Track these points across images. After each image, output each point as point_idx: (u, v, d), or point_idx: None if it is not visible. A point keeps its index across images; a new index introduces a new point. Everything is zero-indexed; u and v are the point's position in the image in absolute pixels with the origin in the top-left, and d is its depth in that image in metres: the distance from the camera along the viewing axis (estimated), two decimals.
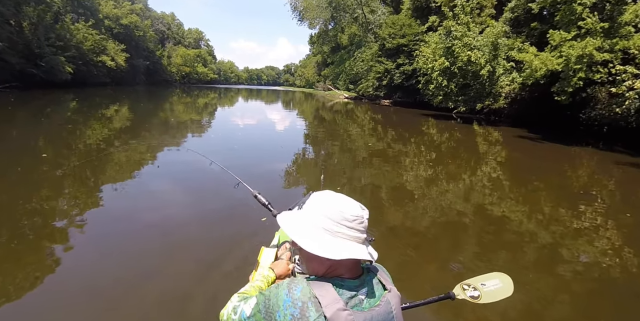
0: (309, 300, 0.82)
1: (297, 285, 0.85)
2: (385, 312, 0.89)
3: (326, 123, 16.88)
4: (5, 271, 2.81)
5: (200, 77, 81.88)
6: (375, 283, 0.94)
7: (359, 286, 0.90)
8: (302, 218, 0.93)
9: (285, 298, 0.83)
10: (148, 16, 63.68)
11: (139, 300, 2.51)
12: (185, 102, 26.76)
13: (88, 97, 24.16)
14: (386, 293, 0.93)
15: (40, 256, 3.10)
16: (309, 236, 0.89)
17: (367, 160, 8.12)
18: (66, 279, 2.76)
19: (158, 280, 2.77)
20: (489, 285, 1.61)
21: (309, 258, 0.92)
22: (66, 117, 13.59)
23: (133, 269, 2.95)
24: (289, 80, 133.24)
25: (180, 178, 5.83)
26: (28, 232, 3.53)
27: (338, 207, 0.90)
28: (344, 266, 0.90)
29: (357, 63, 36.07)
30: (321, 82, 60.70)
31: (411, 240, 3.88)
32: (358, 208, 0.92)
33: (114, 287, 2.65)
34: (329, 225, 0.88)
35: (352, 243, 0.89)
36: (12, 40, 25.25)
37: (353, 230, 0.89)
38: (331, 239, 0.88)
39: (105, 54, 40.75)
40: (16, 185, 5.00)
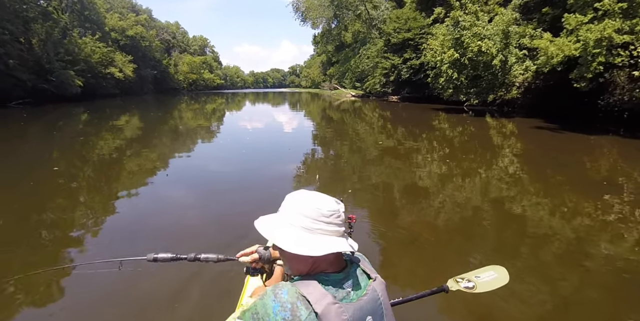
0: (297, 299, 0.81)
1: (282, 289, 0.84)
2: (372, 300, 0.91)
3: (334, 122, 16.72)
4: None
5: (207, 83, 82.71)
6: (359, 274, 0.95)
7: (344, 279, 0.91)
8: (279, 220, 0.93)
9: (273, 305, 0.82)
10: (153, 26, 64.65)
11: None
12: (194, 109, 26.98)
13: (98, 109, 24.60)
14: (371, 282, 0.94)
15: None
16: (288, 236, 0.89)
17: (377, 159, 7.95)
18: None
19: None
20: (483, 277, 1.61)
21: (290, 258, 0.92)
22: (78, 130, 13.81)
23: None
24: (295, 82, 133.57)
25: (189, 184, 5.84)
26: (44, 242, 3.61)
27: (314, 204, 0.90)
28: (327, 261, 0.91)
29: (362, 60, 35.79)
30: (327, 81, 60.57)
31: (428, 237, 3.73)
32: (333, 203, 0.93)
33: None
34: (307, 223, 0.89)
35: (332, 237, 0.89)
36: (23, 58, 25.89)
37: (331, 224, 0.90)
38: (311, 236, 0.88)
39: (113, 66, 41.49)
40: (28, 197, 5.08)
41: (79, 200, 5.13)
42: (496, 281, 1.59)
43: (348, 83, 43.81)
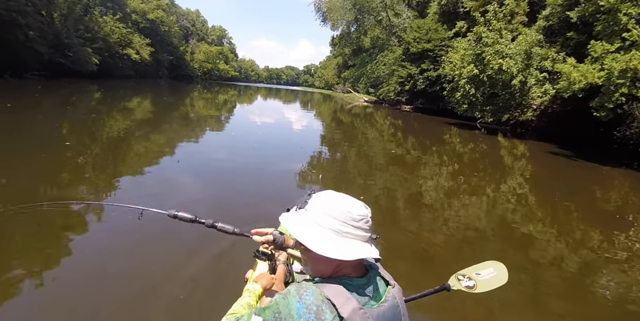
0: (322, 302, 0.80)
1: (307, 290, 0.83)
2: (392, 307, 0.90)
3: (344, 126, 16.71)
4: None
5: (221, 73, 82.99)
6: (378, 280, 0.95)
7: (366, 285, 0.90)
8: (307, 220, 0.92)
9: (298, 306, 0.81)
10: (174, 12, 64.95)
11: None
12: (206, 98, 27.06)
13: (112, 88, 24.72)
14: (390, 289, 0.95)
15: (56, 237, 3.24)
16: (317, 237, 0.87)
17: (384, 166, 7.93)
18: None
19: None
20: (483, 274, 1.62)
21: (316, 259, 0.90)
22: (90, 107, 13.88)
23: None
24: (308, 81, 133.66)
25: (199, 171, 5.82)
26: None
27: (344, 207, 0.89)
28: (351, 265, 0.90)
29: (379, 66, 35.78)
30: (340, 84, 60.58)
31: (422, 250, 3.70)
32: (363, 208, 0.91)
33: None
34: (336, 226, 0.87)
35: (359, 242, 0.89)
36: (43, 30, 26.01)
37: (360, 229, 0.89)
38: (339, 239, 0.87)
39: (131, 47, 41.67)
40: (37, 166, 5.15)
41: (84, 176, 5.13)
42: (495, 280, 1.62)
43: (362, 88, 43.82)
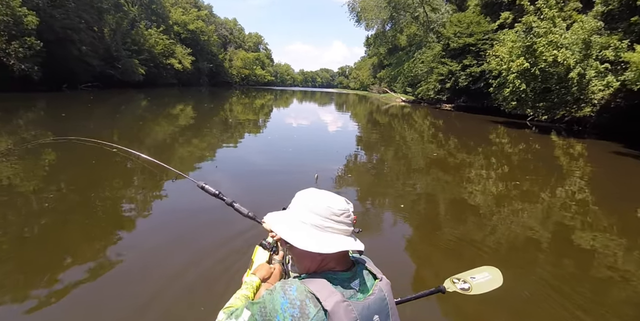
0: (306, 297, 0.83)
1: (291, 285, 0.86)
2: (379, 299, 0.92)
3: (381, 127, 16.28)
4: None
5: (258, 79, 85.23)
6: (365, 274, 0.97)
7: (352, 278, 0.92)
8: (289, 217, 0.95)
9: (282, 301, 0.83)
10: (212, 22, 67.77)
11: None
12: (244, 103, 27.77)
13: (157, 97, 26.14)
14: (377, 282, 0.96)
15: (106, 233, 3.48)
16: (298, 233, 0.90)
17: (424, 169, 7.49)
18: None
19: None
20: (478, 278, 1.64)
21: (300, 255, 0.94)
22: (137, 114, 14.72)
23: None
24: (343, 83, 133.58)
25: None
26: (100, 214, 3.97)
27: (325, 202, 0.92)
28: (335, 259, 0.93)
29: (416, 64, 34.76)
30: (376, 84, 59.79)
31: (474, 262, 3.33)
32: (344, 203, 0.94)
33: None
34: (317, 221, 0.90)
35: (341, 236, 0.91)
36: (94, 45, 28.22)
37: (341, 223, 0.92)
38: (321, 234, 0.90)
39: (174, 57, 44.03)
40: (90, 173, 5.53)
41: (132, 181, 5.45)
42: (490, 283, 1.63)
43: (399, 88, 42.84)
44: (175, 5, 52.95)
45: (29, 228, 3.51)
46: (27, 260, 2.94)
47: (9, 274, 2.72)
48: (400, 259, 3.41)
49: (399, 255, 3.51)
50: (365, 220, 4.36)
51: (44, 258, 2.96)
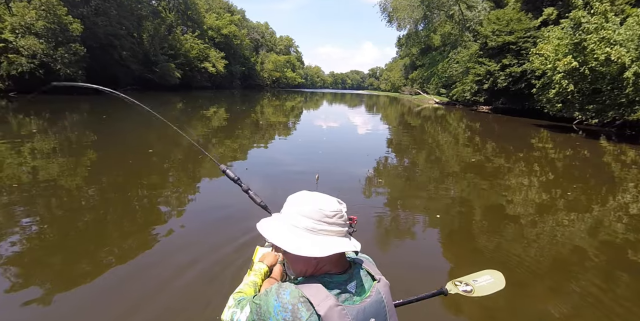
0: (298, 301, 0.83)
1: (286, 289, 0.86)
2: (376, 302, 0.91)
3: (412, 129, 15.84)
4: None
5: (288, 81, 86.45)
6: (363, 275, 0.96)
7: (348, 280, 0.91)
8: (281, 222, 0.94)
9: (275, 304, 0.84)
10: (245, 26, 69.53)
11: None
12: (274, 105, 28.12)
13: (192, 99, 27.07)
14: (375, 284, 0.95)
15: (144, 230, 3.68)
16: (290, 238, 0.89)
17: (458, 173, 7.09)
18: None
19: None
20: (480, 281, 1.65)
21: (294, 259, 0.94)
22: (173, 116, 15.26)
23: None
24: (374, 84, 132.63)
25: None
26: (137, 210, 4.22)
27: (316, 205, 0.90)
28: (330, 262, 0.92)
29: (451, 65, 33.74)
30: (408, 85, 58.72)
31: (517, 276, 3.05)
32: (336, 203, 0.93)
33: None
34: (310, 225, 0.89)
35: (335, 238, 0.90)
36: (134, 50, 29.86)
37: (334, 225, 0.91)
38: (314, 237, 0.89)
39: (208, 61, 45.59)
40: (127, 172, 5.83)
41: (168, 180, 5.69)
42: (493, 286, 1.63)
43: (432, 89, 41.78)
44: (210, 11, 54.82)
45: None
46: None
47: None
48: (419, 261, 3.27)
49: (420, 258, 3.39)
50: (393, 225, 4.23)
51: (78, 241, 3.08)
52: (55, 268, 2.90)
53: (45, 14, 20.90)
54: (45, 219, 3.82)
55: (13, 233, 3.41)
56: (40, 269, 2.86)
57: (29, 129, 9.97)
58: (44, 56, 21.03)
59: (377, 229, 4.16)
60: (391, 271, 1.62)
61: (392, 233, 4.09)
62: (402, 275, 2.83)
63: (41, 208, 4.12)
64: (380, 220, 4.42)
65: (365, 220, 4.26)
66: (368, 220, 4.28)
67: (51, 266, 2.92)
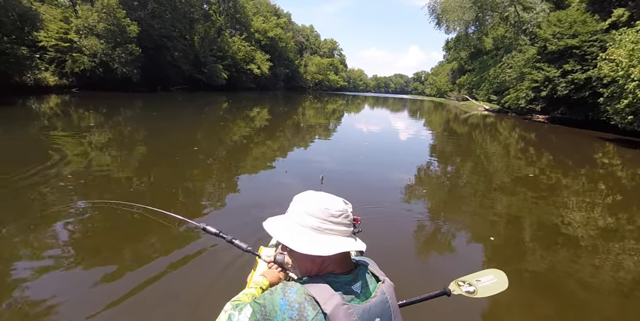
0: (304, 300, 0.84)
1: (292, 288, 0.87)
2: (381, 302, 0.92)
3: (458, 137, 15.13)
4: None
5: (331, 84, 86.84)
6: (368, 276, 0.97)
7: (353, 281, 0.93)
8: (287, 221, 0.96)
9: (281, 303, 0.85)
10: (290, 29, 70.91)
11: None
12: (316, 107, 28.33)
13: (237, 100, 28.03)
14: (380, 284, 0.97)
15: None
16: (296, 236, 0.91)
17: (507, 186, 6.62)
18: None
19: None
20: (483, 281, 1.65)
21: (299, 258, 0.95)
22: (218, 115, 15.87)
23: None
24: (418, 89, 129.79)
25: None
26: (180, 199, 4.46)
27: (321, 205, 0.92)
28: (335, 262, 0.93)
29: (504, 70, 32.01)
30: (455, 91, 56.57)
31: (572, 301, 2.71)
32: (341, 203, 0.95)
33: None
34: (316, 224, 0.91)
35: (339, 237, 0.92)
36: (185, 51, 31.51)
37: (340, 225, 0.92)
38: (319, 236, 0.91)
39: (254, 63, 47.03)
40: (173, 168, 6.13)
41: (210, 176, 5.92)
42: (496, 286, 1.63)
43: (481, 95, 39.90)
44: (257, 14, 56.55)
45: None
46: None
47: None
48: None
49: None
50: (434, 235, 4.15)
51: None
52: (103, 254, 3.02)
53: (106, 17, 22.65)
54: (96, 205, 4.04)
55: (66, 216, 3.66)
56: (91, 253, 2.99)
57: (87, 123, 10.78)
58: (103, 55, 22.78)
59: (416, 239, 4.11)
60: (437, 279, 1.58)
61: (432, 243, 3.97)
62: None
63: (94, 196, 4.36)
64: (420, 229, 4.33)
65: (403, 228, 4.27)
66: (406, 228, 4.27)
67: (99, 251, 3.05)
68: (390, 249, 3.62)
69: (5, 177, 4.74)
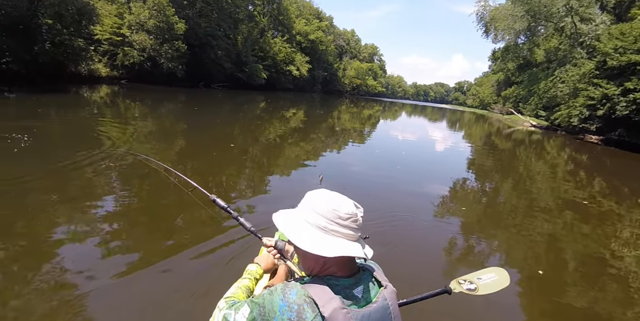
0: (304, 302, 0.84)
1: (292, 289, 0.87)
2: (382, 308, 0.92)
3: (500, 152, 14.44)
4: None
5: (369, 89, 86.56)
6: (370, 281, 0.97)
7: (354, 285, 0.93)
8: (296, 216, 0.96)
9: (280, 304, 0.85)
10: (332, 32, 71.45)
11: None
12: (352, 112, 28.28)
13: (274, 100, 28.63)
14: (382, 290, 0.96)
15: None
16: (302, 234, 0.92)
17: (549, 210, 6.17)
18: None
19: None
20: (484, 279, 1.65)
21: (303, 255, 0.96)
22: (256, 114, 16.25)
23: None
24: (459, 99, 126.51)
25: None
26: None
27: (331, 205, 0.92)
28: (337, 264, 0.93)
29: (556, 84, 30.45)
30: (499, 103, 54.48)
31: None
32: (352, 206, 0.95)
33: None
34: (322, 223, 0.91)
35: (345, 240, 0.92)
36: (228, 50, 32.59)
37: (346, 228, 0.92)
38: (324, 236, 0.91)
39: (293, 64, 47.84)
40: (210, 163, 6.38)
41: (243, 173, 6.07)
42: (497, 284, 1.62)
43: (528, 110, 38.05)
44: (300, 17, 57.48)
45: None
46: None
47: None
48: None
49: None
50: (466, 253, 4.01)
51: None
52: (145, 244, 3.14)
53: (156, 14, 23.90)
54: (133, 196, 4.24)
55: (105, 206, 3.87)
56: (130, 241, 3.12)
57: (132, 113, 11.38)
58: (152, 50, 24.02)
59: (447, 254, 4.00)
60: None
61: (464, 261, 3.83)
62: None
63: (132, 186, 4.57)
64: (452, 245, 4.22)
65: (435, 241, 4.21)
66: (438, 242, 4.20)
67: (138, 239, 3.18)
68: (422, 261, 3.52)
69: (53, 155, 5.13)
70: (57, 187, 4.24)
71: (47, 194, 3.95)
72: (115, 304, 2.34)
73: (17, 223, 3.25)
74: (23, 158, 5.04)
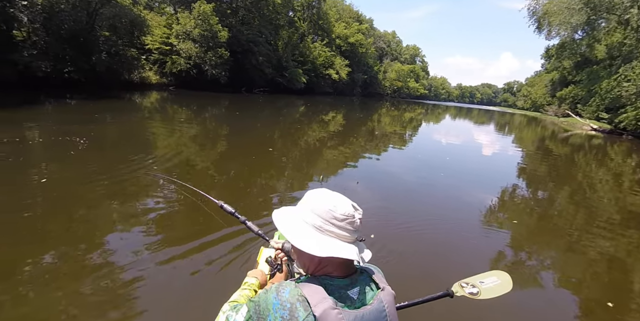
0: (297, 300, 0.85)
1: (285, 287, 0.89)
2: (377, 310, 0.92)
3: (555, 158, 13.41)
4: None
5: (410, 91, 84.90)
6: (368, 283, 0.97)
7: (350, 285, 0.93)
8: (294, 215, 0.99)
9: (274, 302, 0.87)
10: (372, 35, 70.99)
11: None
12: (392, 115, 27.85)
13: (314, 103, 28.94)
14: (379, 292, 0.96)
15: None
16: (297, 232, 0.93)
17: (613, 224, 5.54)
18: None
19: None
20: (487, 282, 1.64)
21: (299, 253, 0.98)
22: (295, 118, 16.54)
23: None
24: (508, 100, 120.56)
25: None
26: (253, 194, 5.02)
27: (328, 205, 0.93)
28: (333, 264, 0.94)
29: (620, 83, 27.99)
30: (554, 105, 50.99)
31: None
32: (349, 208, 0.94)
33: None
34: (318, 223, 0.93)
35: (338, 241, 0.92)
36: (269, 56, 33.55)
37: (342, 229, 0.92)
38: (319, 236, 0.92)
39: (332, 68, 48.17)
40: (249, 166, 6.61)
41: (281, 178, 6.18)
42: (500, 288, 1.61)
43: (588, 112, 35.23)
44: (339, 20, 57.82)
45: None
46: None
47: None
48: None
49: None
50: (516, 267, 3.76)
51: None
52: (182, 238, 3.30)
53: (201, 23, 25.19)
54: (173, 195, 4.48)
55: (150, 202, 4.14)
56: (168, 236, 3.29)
57: (179, 117, 12.03)
58: (197, 58, 25.35)
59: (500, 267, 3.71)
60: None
61: (515, 273, 3.56)
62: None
63: (171, 188, 4.80)
64: (501, 257, 4.01)
65: (484, 252, 4.03)
66: (486, 252, 4.03)
67: (176, 234, 3.35)
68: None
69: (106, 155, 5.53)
70: (103, 191, 4.53)
71: (95, 197, 4.28)
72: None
73: (75, 214, 3.54)
74: (76, 161, 5.52)
